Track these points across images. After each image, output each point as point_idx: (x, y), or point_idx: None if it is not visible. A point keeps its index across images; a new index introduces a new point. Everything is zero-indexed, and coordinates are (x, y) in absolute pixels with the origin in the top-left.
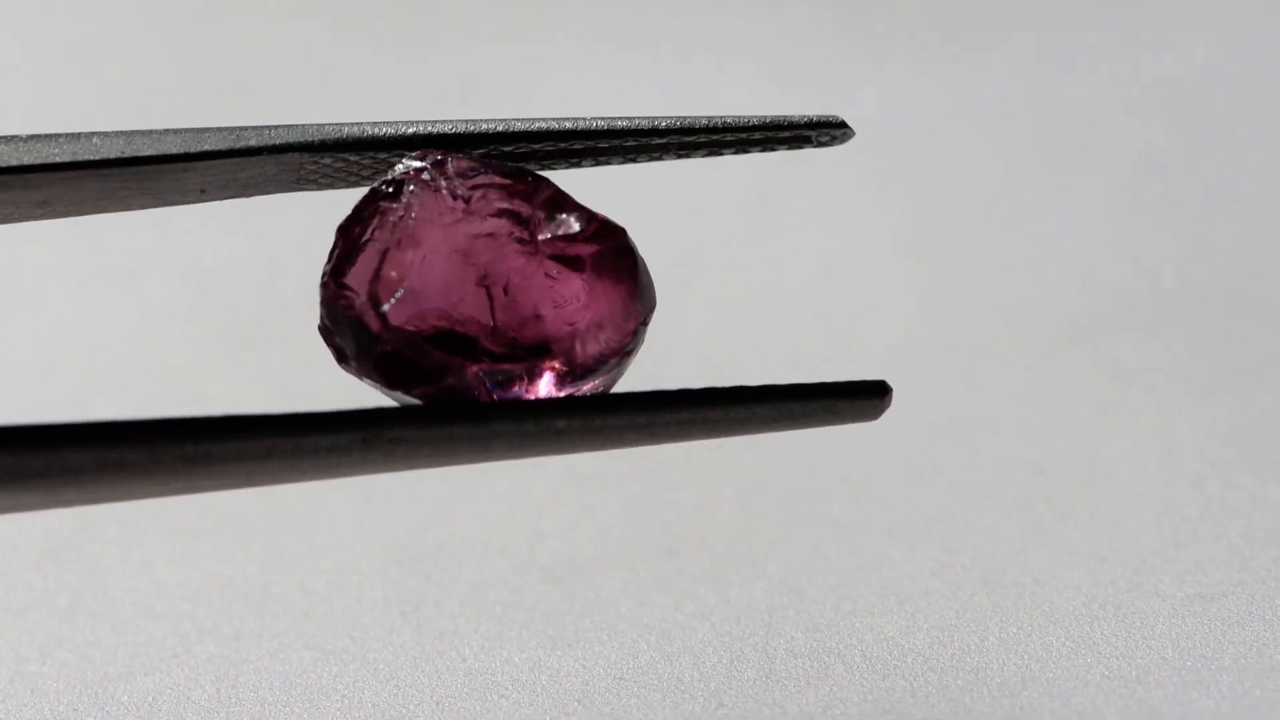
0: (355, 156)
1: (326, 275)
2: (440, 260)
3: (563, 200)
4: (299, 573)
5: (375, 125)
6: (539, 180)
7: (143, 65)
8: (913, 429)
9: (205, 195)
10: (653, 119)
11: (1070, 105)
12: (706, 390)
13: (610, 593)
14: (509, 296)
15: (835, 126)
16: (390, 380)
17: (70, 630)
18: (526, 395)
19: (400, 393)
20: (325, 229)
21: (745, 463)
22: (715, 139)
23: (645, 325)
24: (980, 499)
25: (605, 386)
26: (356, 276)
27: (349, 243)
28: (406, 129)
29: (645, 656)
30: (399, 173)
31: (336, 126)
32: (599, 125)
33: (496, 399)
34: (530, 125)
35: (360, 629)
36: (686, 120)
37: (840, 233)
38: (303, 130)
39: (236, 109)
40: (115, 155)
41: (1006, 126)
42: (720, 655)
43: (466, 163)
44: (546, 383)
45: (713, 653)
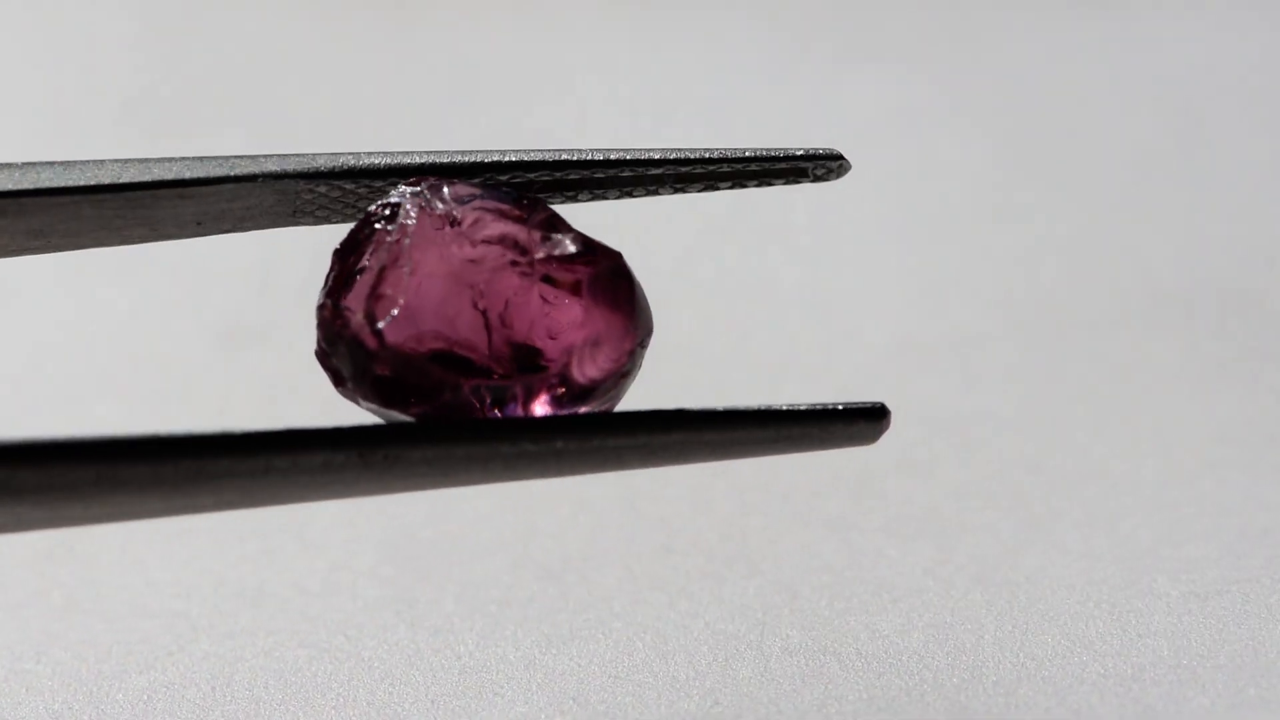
0: (351, 185)
1: (323, 298)
2: (436, 281)
3: (558, 223)
4: (293, 570)
5: (371, 155)
6: (535, 202)
7: (129, 63)
8: (907, 426)
9: (202, 228)
10: (648, 151)
11: (1067, 102)
12: (705, 412)
13: (605, 590)
14: (505, 318)
15: (831, 159)
16: (387, 400)
17: (65, 628)
18: (523, 415)
19: (397, 413)
20: (321, 231)
21: (740, 460)
22: (711, 170)
23: (643, 348)
24: (975, 497)
25: (604, 409)
26: (353, 297)
27: (345, 266)
28: (403, 158)
29: (640, 654)
30: (395, 197)
31: (332, 155)
32: (595, 157)
33: (494, 416)
34: (526, 156)
35: (355, 626)
36: (682, 153)
37: (836, 229)
38: (299, 159)
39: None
40: (110, 181)
41: (1003, 123)
42: (715, 653)
43: (463, 187)
44: (543, 403)
45: (708, 650)
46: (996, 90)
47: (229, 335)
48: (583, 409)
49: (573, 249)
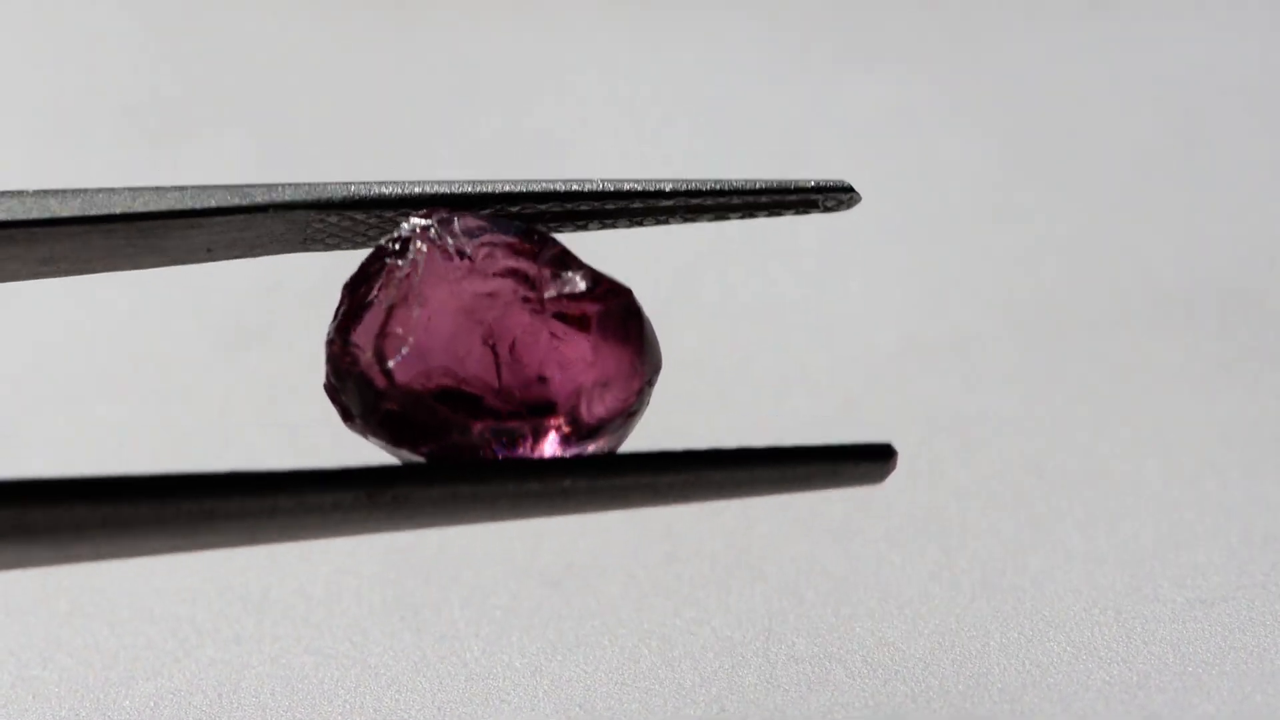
0: (362, 215)
1: (332, 333)
2: (446, 318)
3: (569, 259)
4: (299, 577)
5: (382, 184)
6: (545, 238)
7: (130, 65)
8: (910, 431)
9: (212, 254)
10: (659, 183)
11: (1068, 102)
12: (711, 451)
13: (610, 597)
14: (514, 355)
15: (842, 191)
16: (395, 438)
17: (70, 635)
18: (531, 455)
19: (406, 450)
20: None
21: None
22: (722, 202)
23: (650, 386)
24: (978, 500)
25: (611, 446)
26: (362, 333)
27: (355, 300)
28: (414, 188)
29: (646, 661)
30: (405, 230)
31: (343, 185)
32: (606, 188)
33: (502, 458)
34: (536, 186)
35: (360, 633)
36: (693, 184)
37: (837, 231)
38: (310, 189)
39: (230, 115)
40: (121, 211)
41: (1004, 124)
42: (721, 660)
43: (473, 221)
44: (551, 443)
45: (713, 658)
46: (997, 91)
47: (231, 336)
48: (590, 447)
49: (583, 286)
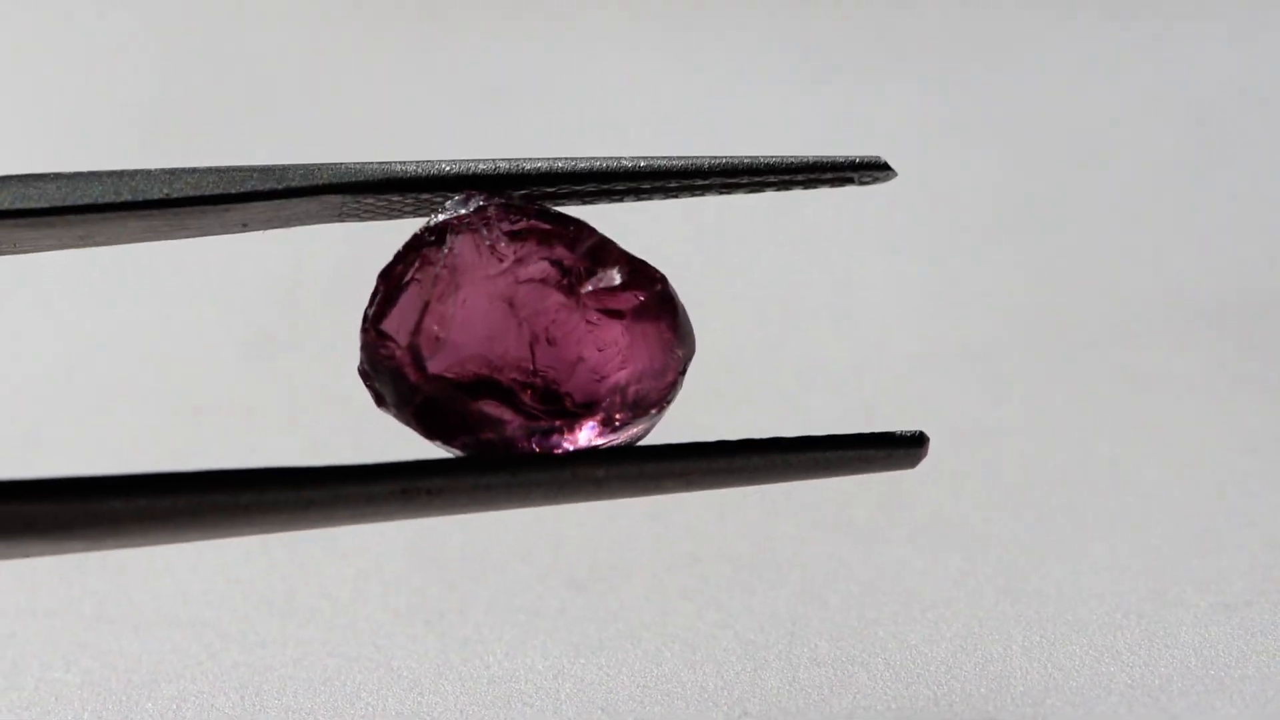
0: (399, 197)
1: (367, 321)
2: (482, 310)
3: (605, 248)
4: (322, 580)
5: (417, 164)
6: (581, 227)
7: (151, 78)
8: (935, 437)
9: (248, 228)
10: (696, 160)
11: (1093, 114)
12: (744, 441)
13: (633, 600)
14: (550, 347)
15: (878, 168)
16: (429, 430)
17: (94, 638)
18: (566, 445)
19: (439, 443)
20: (353, 235)
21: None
22: (758, 180)
23: (683, 374)
24: (1002, 507)
25: (643, 434)
26: (398, 326)
27: (390, 288)
28: (449, 169)
29: (669, 664)
30: (442, 219)
31: (378, 166)
32: (643, 166)
33: (536, 449)
34: (574, 166)
35: (384, 636)
36: (731, 161)
37: (861, 242)
38: (345, 170)
39: (262, 115)
40: (158, 196)
41: (1025, 135)
42: (743, 663)
43: (510, 209)
44: (587, 433)
45: (736, 660)
46: (1017, 103)
47: (256, 339)
48: (623, 436)
49: (618, 278)
